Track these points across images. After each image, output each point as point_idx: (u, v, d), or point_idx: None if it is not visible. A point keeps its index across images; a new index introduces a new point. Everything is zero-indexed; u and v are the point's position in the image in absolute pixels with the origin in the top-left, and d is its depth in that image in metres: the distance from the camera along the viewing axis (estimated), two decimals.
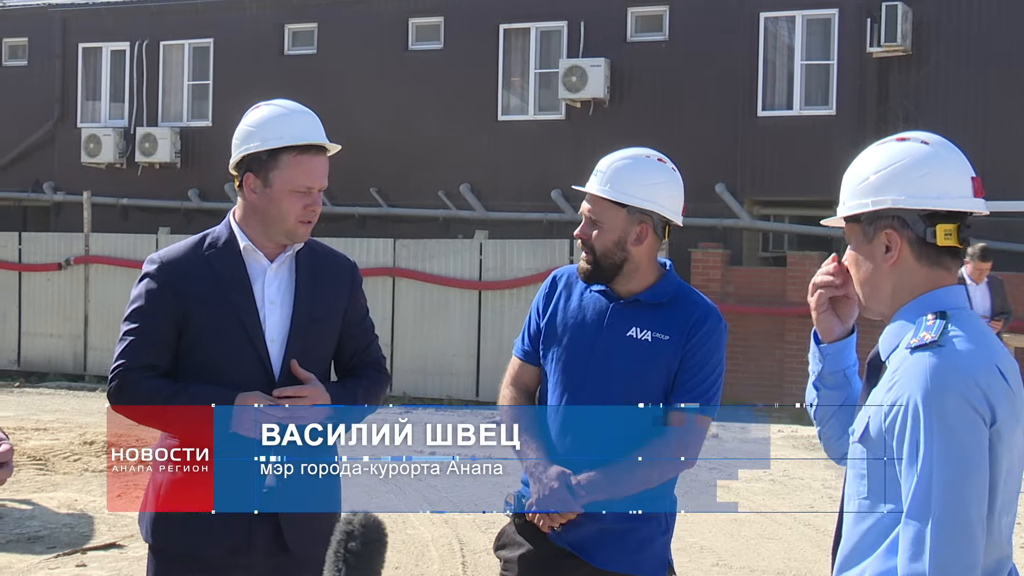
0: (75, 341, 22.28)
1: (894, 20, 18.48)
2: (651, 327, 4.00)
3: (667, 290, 4.08)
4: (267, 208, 3.86)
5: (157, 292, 3.84)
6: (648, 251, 4.05)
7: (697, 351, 3.99)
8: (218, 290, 3.84)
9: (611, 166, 4.04)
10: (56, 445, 12.76)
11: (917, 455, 2.65)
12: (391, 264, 19.90)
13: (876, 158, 2.88)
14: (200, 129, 23.18)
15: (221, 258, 3.88)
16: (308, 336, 3.91)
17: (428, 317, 19.72)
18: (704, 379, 4.00)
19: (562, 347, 4.08)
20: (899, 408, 2.69)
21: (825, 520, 9.74)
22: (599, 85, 19.88)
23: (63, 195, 24.11)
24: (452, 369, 19.49)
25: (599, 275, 4.04)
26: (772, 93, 19.59)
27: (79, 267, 22.21)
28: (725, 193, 19.47)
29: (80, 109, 24.43)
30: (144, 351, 3.83)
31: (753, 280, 18.81)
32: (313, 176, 3.85)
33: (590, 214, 4.04)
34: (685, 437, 3.94)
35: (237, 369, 3.81)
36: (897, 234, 2.82)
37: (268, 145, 3.83)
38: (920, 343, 2.72)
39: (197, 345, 3.83)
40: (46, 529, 9.37)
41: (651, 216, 4.02)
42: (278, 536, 3.84)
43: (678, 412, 3.95)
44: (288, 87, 17.59)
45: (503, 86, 21.20)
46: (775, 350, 18.40)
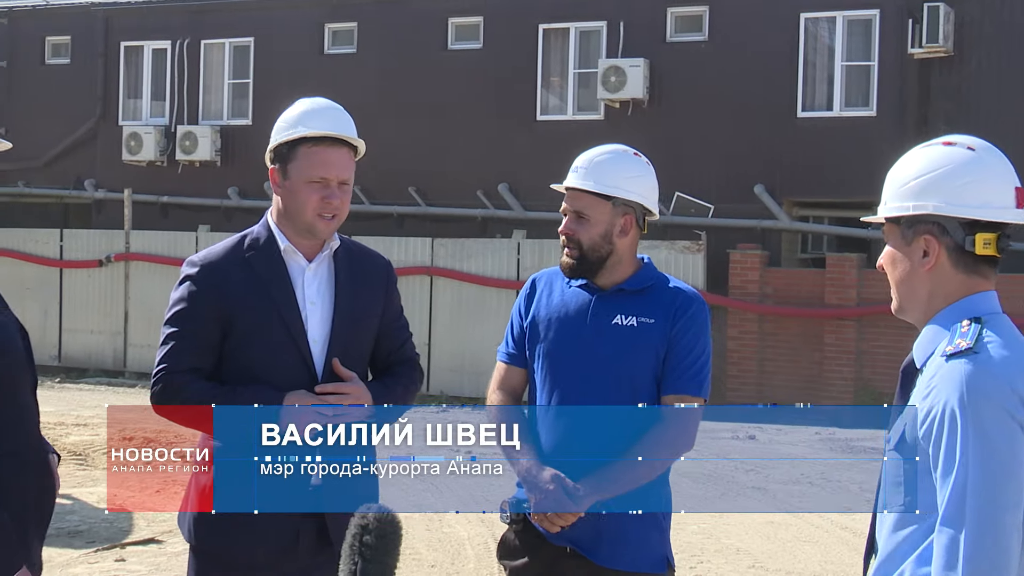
0: (115, 338, 22.44)
1: (936, 21, 18.36)
2: (636, 312, 4.03)
3: (648, 278, 4.13)
4: (287, 201, 3.87)
5: (199, 295, 3.82)
6: (631, 243, 4.11)
7: (684, 335, 4.01)
8: (260, 291, 3.82)
9: (591, 161, 4.10)
10: (96, 441, 12.86)
11: (953, 462, 2.63)
12: (429, 263, 19.94)
13: (920, 161, 2.85)
14: (240, 128, 23.29)
15: (261, 259, 3.87)
16: (349, 335, 3.91)
17: (465, 316, 19.76)
18: (693, 363, 4.01)
19: (548, 341, 4.11)
20: (935, 415, 2.67)
21: (862, 523, 9.70)
22: (638, 85, 19.85)
23: (104, 192, 24.28)
24: (489, 368, 19.39)
25: (584, 269, 4.08)
26: (812, 94, 19.50)
27: (119, 264, 22.37)
28: (764, 194, 19.40)
29: (122, 107, 24.59)
30: (187, 354, 3.81)
31: (792, 282, 18.73)
32: (328, 167, 3.81)
33: (574, 209, 4.09)
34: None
35: (281, 370, 3.80)
36: (936, 240, 2.80)
37: (286, 137, 3.85)
38: (956, 350, 2.69)
39: (241, 347, 3.81)
40: (85, 524, 9.45)
41: (634, 208, 4.08)
42: (322, 533, 3.85)
43: (671, 397, 4.00)
44: (328, 86, 17.66)
45: (542, 86, 21.20)
46: (813, 352, 18.32)
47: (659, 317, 4.02)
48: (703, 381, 4.02)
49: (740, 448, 13.83)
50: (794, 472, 12.60)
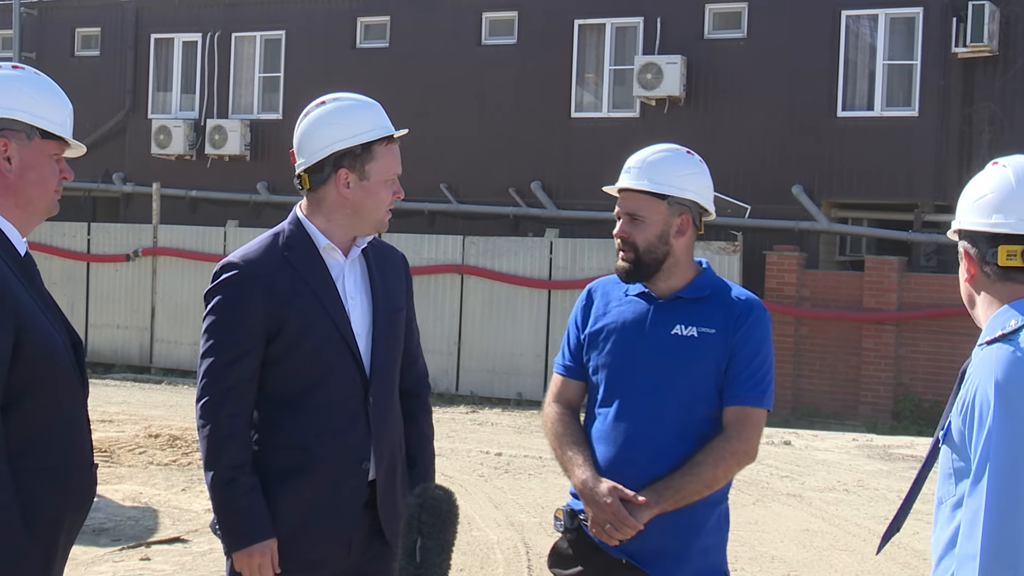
0: (142, 333, 22.55)
1: (981, 20, 18.24)
2: (695, 322, 4.00)
3: (707, 284, 4.09)
4: (363, 201, 3.90)
5: (243, 298, 3.80)
6: (688, 244, 4.08)
7: (745, 343, 3.97)
8: (306, 289, 3.84)
9: (644, 161, 4.08)
10: (121, 437, 12.92)
11: (981, 442, 2.74)
12: (460, 261, 19.96)
13: (973, 182, 3.05)
14: (270, 122, 23.37)
15: (301, 257, 3.88)
16: (388, 328, 3.97)
17: (497, 316, 19.76)
18: (756, 371, 3.97)
19: (607, 354, 4.08)
20: (970, 400, 2.80)
21: (900, 532, 9.72)
22: (675, 83, 19.81)
23: (133, 186, 24.41)
24: (520, 369, 19.50)
25: (640, 272, 4.05)
26: (852, 93, 19.42)
27: (147, 259, 22.48)
28: (802, 195, 19.32)
29: (151, 100, 24.71)
30: (231, 371, 3.78)
31: (830, 284, 18.66)
32: (398, 163, 3.95)
33: (628, 211, 4.06)
34: (744, 432, 3.93)
35: (332, 368, 3.83)
36: (968, 255, 2.99)
37: (363, 139, 3.86)
38: (992, 337, 2.83)
39: (292, 347, 3.81)
40: (111, 521, 9.49)
41: (690, 207, 4.05)
42: (375, 526, 3.90)
43: (734, 408, 3.95)
44: (360, 81, 17.68)
45: (577, 82, 21.18)
46: (851, 356, 18.24)
47: (720, 327, 3.98)
48: (765, 390, 3.98)
49: (775, 454, 13.78)
50: (830, 479, 12.56)
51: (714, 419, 3.97)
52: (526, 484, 11.65)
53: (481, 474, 12.04)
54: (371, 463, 3.87)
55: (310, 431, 3.82)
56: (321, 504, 3.82)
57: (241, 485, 3.75)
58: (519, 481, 11.80)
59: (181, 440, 12.73)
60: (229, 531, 3.78)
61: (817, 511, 10.87)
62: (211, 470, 3.76)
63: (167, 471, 11.43)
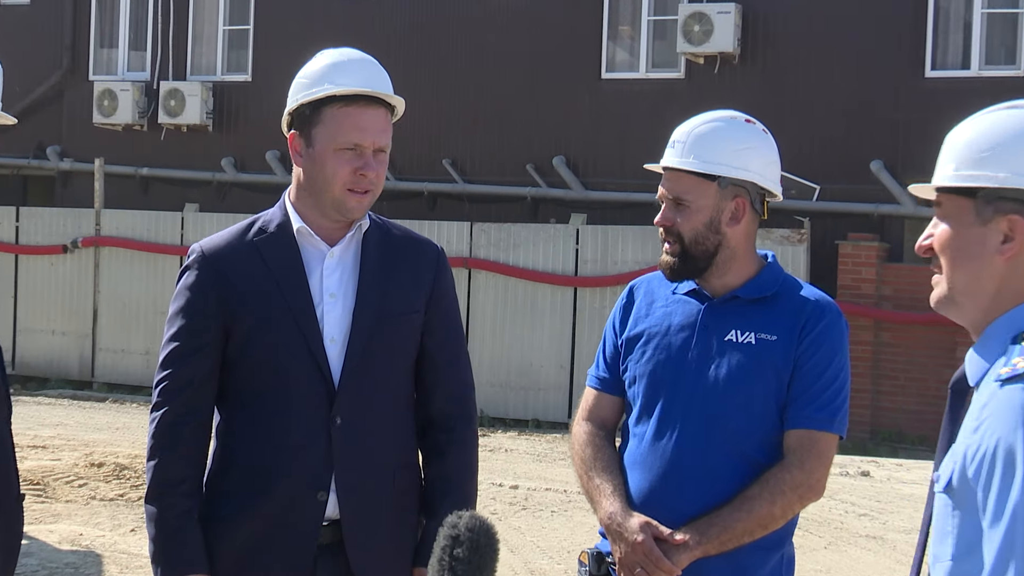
0: (82, 340, 22.58)
1: None
2: (754, 327, 4.00)
3: (771, 282, 4.08)
4: (312, 174, 3.90)
5: (198, 287, 3.90)
6: (746, 233, 4.07)
7: (814, 353, 3.96)
8: (268, 283, 3.87)
9: (692, 133, 4.06)
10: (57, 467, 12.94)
11: (1003, 511, 2.52)
12: (467, 253, 19.96)
13: (1015, 122, 2.77)
14: (238, 84, 23.39)
15: (271, 244, 3.91)
16: (374, 335, 3.91)
17: (511, 319, 19.75)
18: (826, 387, 3.95)
19: (646, 363, 4.09)
20: (986, 452, 2.56)
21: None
22: (727, 36, 19.77)
23: (71, 162, 24.45)
24: (540, 384, 19.49)
25: (688, 268, 4.05)
26: (944, 49, 19.38)
27: (88, 250, 22.50)
28: (883, 172, 19.28)
29: (93, 59, 24.75)
30: (180, 370, 3.88)
31: (916, 281, 18.58)
32: (363, 131, 3.84)
33: (672, 195, 4.06)
34: (809, 461, 3.91)
35: (290, 376, 3.85)
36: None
37: (310, 95, 3.87)
38: (1013, 373, 2.58)
39: (245, 349, 3.87)
40: (45, 569, 9.51)
41: (747, 188, 4.03)
42: (346, 570, 3.89)
43: (798, 431, 3.94)
44: (342, 35, 17.67)
45: (608, 37, 21.16)
46: (943, 369, 18.18)
47: (783, 333, 3.98)
48: (837, 411, 3.96)
49: (851, 487, 13.76)
50: (917, 517, 12.54)
51: (773, 445, 3.96)
52: (548, 524, 11.66)
53: (494, 511, 12.04)
54: (331, 494, 3.85)
55: (266, 448, 3.85)
56: (271, 537, 3.84)
57: (173, 506, 3.82)
58: (540, 520, 11.80)
59: (129, 470, 12.75)
60: (155, 558, 3.86)
61: (903, 556, 10.87)
62: (148, 484, 3.87)
63: (113, 508, 11.45)
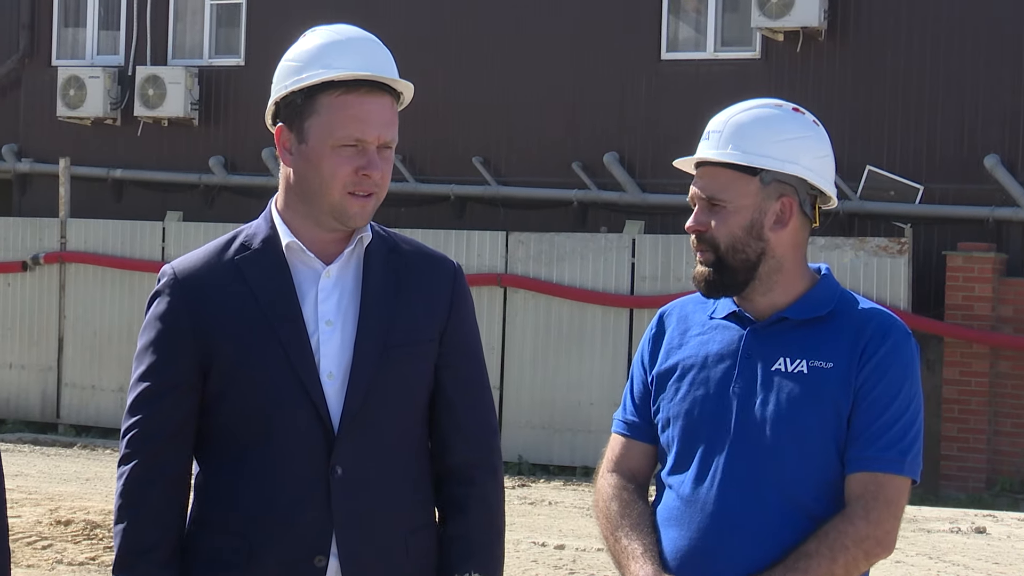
0: (45, 375, 22.63)
1: None
2: (806, 354, 4.00)
3: (826, 300, 4.08)
4: (305, 175, 3.86)
5: (170, 317, 3.87)
6: (793, 240, 4.06)
7: (878, 381, 3.95)
8: (252, 310, 3.84)
9: (730, 122, 4.07)
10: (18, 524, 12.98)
11: None
12: (501, 268, 19.95)
13: None
14: (227, 70, 23.46)
15: (256, 264, 3.88)
16: (380, 370, 3.88)
17: (555, 347, 19.73)
18: (894, 422, 3.95)
19: (680, 401, 4.09)
20: None
21: None
22: (812, 7, 19.73)
23: (30, 163, 24.55)
24: (589, 425, 19.44)
25: (726, 281, 4.04)
26: None
27: (52, 267, 22.57)
28: (999, 169, 19.19)
29: (56, 40, 24.85)
30: (158, 414, 3.85)
31: None
32: (365, 124, 3.80)
33: (705, 194, 4.05)
34: (875, 510, 3.90)
35: (280, 420, 3.82)
36: None
37: (301, 82, 3.84)
38: None
39: (226, 389, 3.85)
40: None
41: (794, 186, 4.02)
42: None
43: (861, 475, 3.93)
44: (354, 14, 17.72)
45: (669, 11, 21.16)
46: None
47: (840, 358, 3.97)
48: (907, 450, 3.95)
49: (964, 546, 13.71)
50: None
51: (832, 491, 3.96)
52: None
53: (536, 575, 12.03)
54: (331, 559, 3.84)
55: (251, 506, 3.82)
56: None
57: None
58: None
59: (102, 528, 12.77)
60: None
61: None
62: (115, 552, 3.86)
63: (83, 573, 11.47)
